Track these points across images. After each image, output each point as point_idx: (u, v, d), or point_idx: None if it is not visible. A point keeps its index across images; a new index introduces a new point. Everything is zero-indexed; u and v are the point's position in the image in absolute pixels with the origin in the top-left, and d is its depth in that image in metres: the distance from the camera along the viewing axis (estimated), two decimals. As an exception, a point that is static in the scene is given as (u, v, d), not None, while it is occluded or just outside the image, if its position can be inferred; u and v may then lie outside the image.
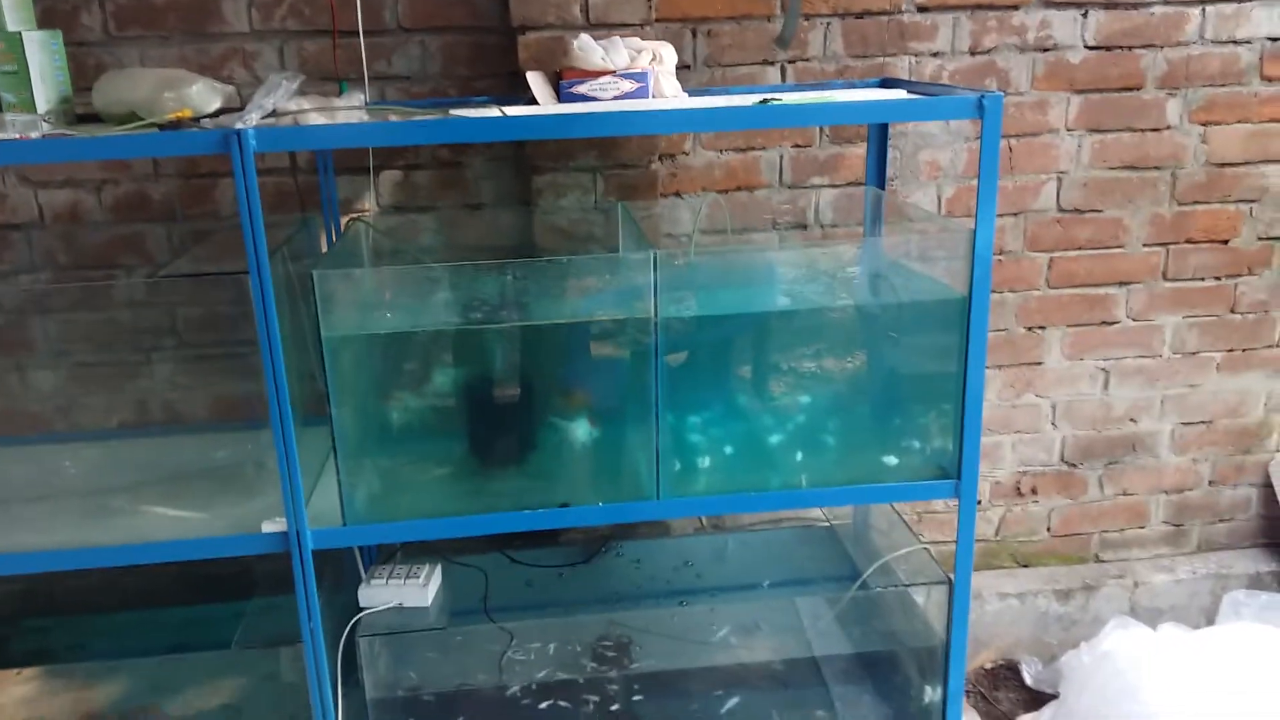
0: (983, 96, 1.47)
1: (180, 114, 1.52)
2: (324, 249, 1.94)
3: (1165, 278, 2.37)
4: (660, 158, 2.08)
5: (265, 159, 2.02)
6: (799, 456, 1.70)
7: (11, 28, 1.53)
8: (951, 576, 1.71)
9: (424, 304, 1.60)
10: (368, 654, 1.62)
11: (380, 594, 1.70)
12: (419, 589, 1.70)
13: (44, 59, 1.57)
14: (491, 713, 1.72)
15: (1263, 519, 2.63)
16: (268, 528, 1.53)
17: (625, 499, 1.62)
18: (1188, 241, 2.35)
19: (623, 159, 2.00)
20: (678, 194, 2.14)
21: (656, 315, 1.53)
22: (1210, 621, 2.54)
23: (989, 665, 2.52)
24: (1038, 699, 2.38)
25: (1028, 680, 2.46)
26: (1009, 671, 2.51)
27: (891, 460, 1.70)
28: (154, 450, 1.89)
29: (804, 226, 2.22)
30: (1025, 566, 2.57)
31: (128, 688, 1.70)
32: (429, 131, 1.54)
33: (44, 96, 1.57)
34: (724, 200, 2.14)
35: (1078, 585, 2.51)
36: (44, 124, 1.54)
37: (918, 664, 1.86)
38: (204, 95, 1.56)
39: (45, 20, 1.78)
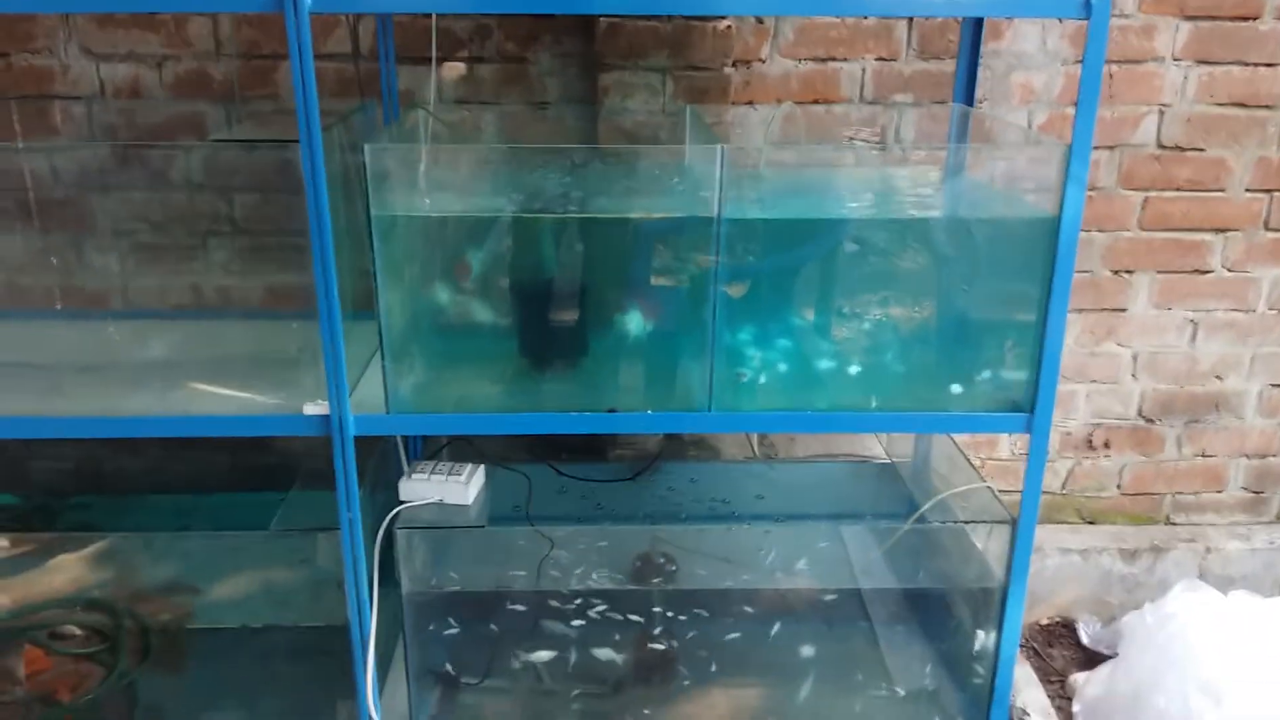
0: None
1: (238, -24, 1.47)
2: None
3: (1267, 227, 2.21)
4: (735, 63, 1.98)
5: (326, 43, 1.96)
6: (860, 378, 1.61)
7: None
8: (1015, 516, 1.63)
9: (479, 190, 1.54)
10: (405, 547, 1.59)
11: (421, 488, 1.66)
12: (460, 486, 1.66)
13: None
14: (528, 617, 1.68)
15: (1350, 491, 2.48)
16: (309, 410, 1.49)
17: (675, 409, 1.55)
18: (1297, 187, 2.19)
19: (695, 60, 1.90)
20: (750, 103, 2.04)
21: (720, 213, 1.45)
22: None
23: (1045, 621, 2.43)
24: (1092, 659, 2.29)
25: (1084, 639, 2.36)
26: (1065, 629, 2.41)
27: (958, 388, 1.60)
28: (205, 332, 1.86)
29: (883, 145, 2.10)
30: (1091, 523, 2.45)
31: (164, 563, 1.70)
32: None
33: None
34: (800, 112, 2.04)
35: (1145, 546, 2.39)
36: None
37: (971, 607, 1.78)
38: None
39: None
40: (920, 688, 1.81)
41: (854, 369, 1.60)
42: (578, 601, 1.70)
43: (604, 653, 1.74)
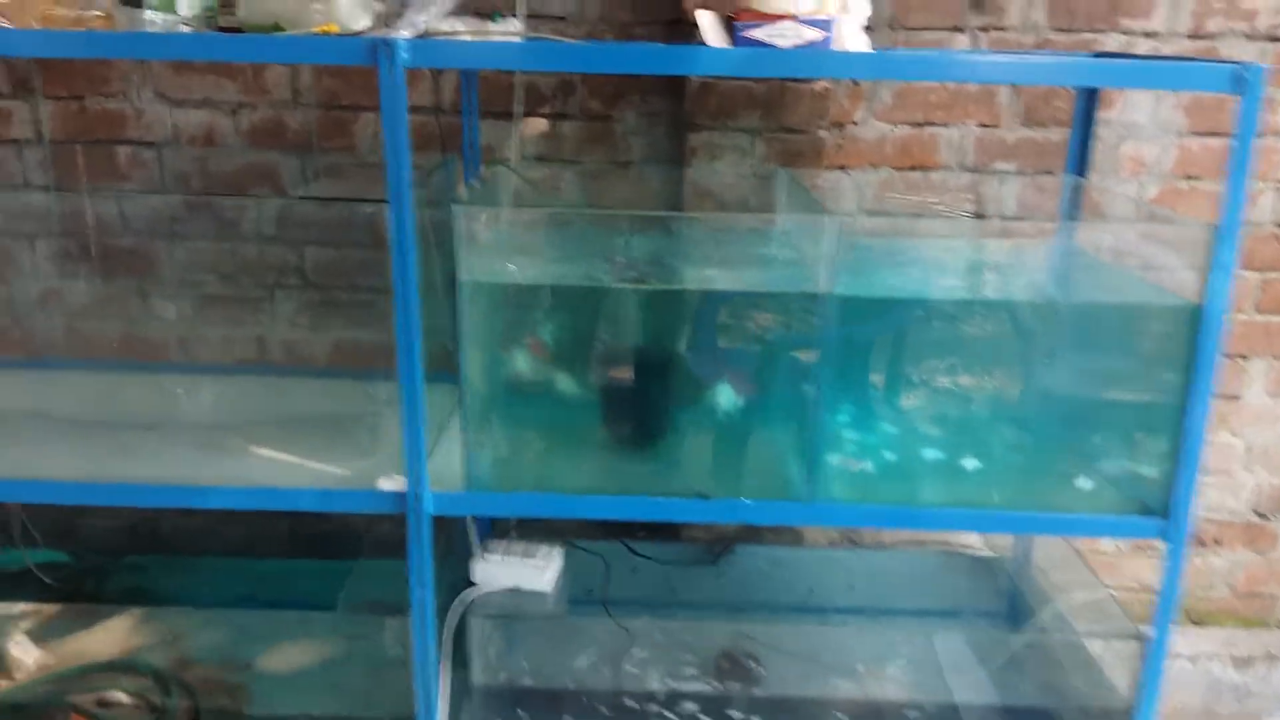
0: (1243, 68, 1.23)
1: (326, 28, 1.39)
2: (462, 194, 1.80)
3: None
4: (829, 126, 1.88)
5: (409, 95, 1.89)
6: (975, 471, 1.48)
7: (159, -73, 1.43)
8: (1144, 630, 1.48)
9: (565, 255, 1.45)
10: (480, 637, 1.47)
11: (496, 572, 1.54)
12: (538, 571, 1.54)
13: (190, -38, 1.47)
14: (604, 717, 1.55)
15: None
16: (385, 485, 1.39)
17: (771, 497, 1.43)
18: None
19: (788, 122, 1.81)
20: (841, 168, 1.94)
21: (830, 290, 1.34)
22: None
23: (1143, 728, 2.25)
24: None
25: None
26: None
27: (1085, 484, 1.47)
28: (270, 391, 1.78)
29: (982, 216, 1.99)
30: (1199, 625, 2.28)
31: (224, 636, 1.60)
32: (597, 57, 1.38)
33: (186, 1, 1.46)
34: (898, 179, 1.93)
35: (1259, 653, 2.21)
36: (184, 28, 1.43)
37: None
38: (352, 10, 1.42)
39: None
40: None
41: (969, 462, 1.47)
42: (656, 703, 1.56)
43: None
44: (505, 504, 1.42)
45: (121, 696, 1.72)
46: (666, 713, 1.57)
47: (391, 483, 1.39)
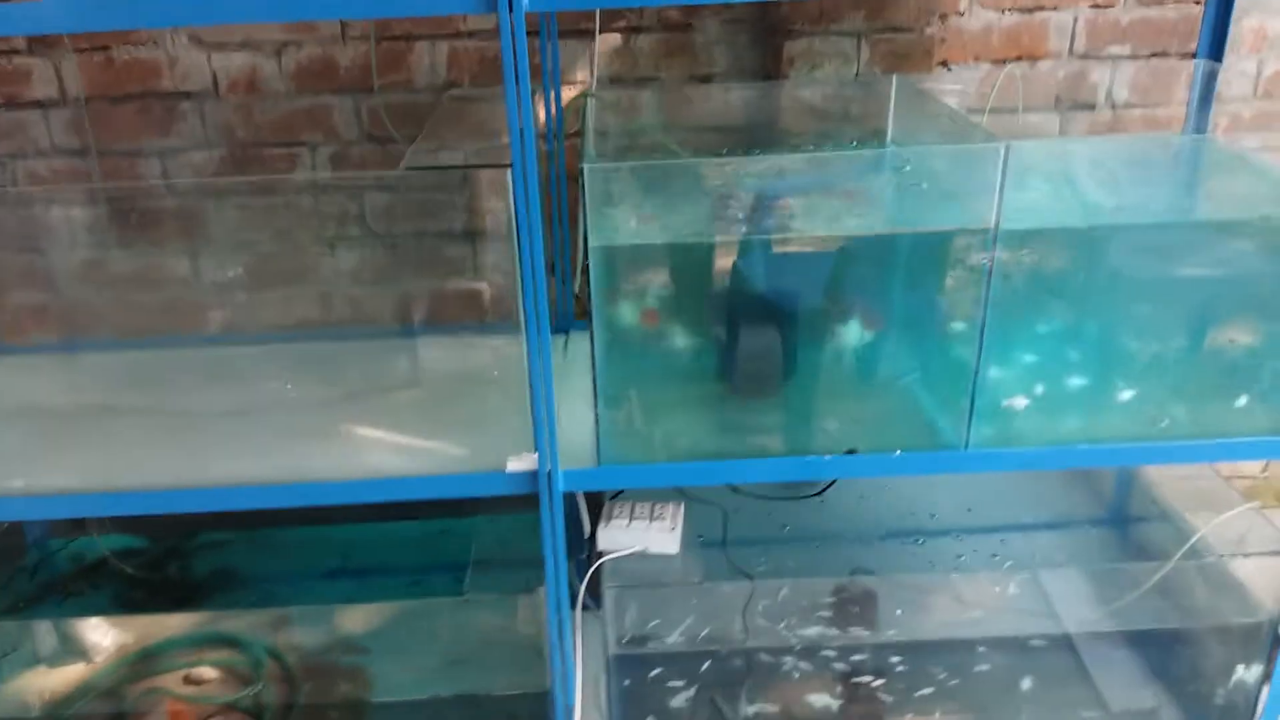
0: None
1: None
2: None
3: None
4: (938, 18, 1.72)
5: (467, 19, 1.72)
6: (1134, 402, 1.39)
7: None
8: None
9: (687, 205, 1.31)
10: (615, 607, 1.40)
11: (621, 536, 1.47)
12: (665, 533, 1.47)
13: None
14: (738, 674, 1.50)
15: None
16: (514, 466, 1.30)
17: (922, 446, 1.34)
18: None
19: (896, 20, 1.65)
20: (944, 64, 1.78)
21: (997, 227, 1.21)
22: None
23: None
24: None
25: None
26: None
27: (1244, 400, 1.38)
28: (350, 356, 1.65)
29: (1092, 106, 1.84)
30: (1295, 507, 2.24)
31: (324, 620, 1.53)
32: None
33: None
34: (1016, 73, 1.78)
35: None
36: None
37: (1229, 646, 1.58)
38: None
39: None
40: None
41: (1126, 392, 1.38)
42: (790, 654, 1.51)
43: (819, 700, 1.56)
44: (640, 476, 1.33)
45: (208, 672, 1.66)
46: (802, 663, 1.52)
47: (521, 462, 1.29)
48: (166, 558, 1.84)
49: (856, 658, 1.57)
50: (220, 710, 1.66)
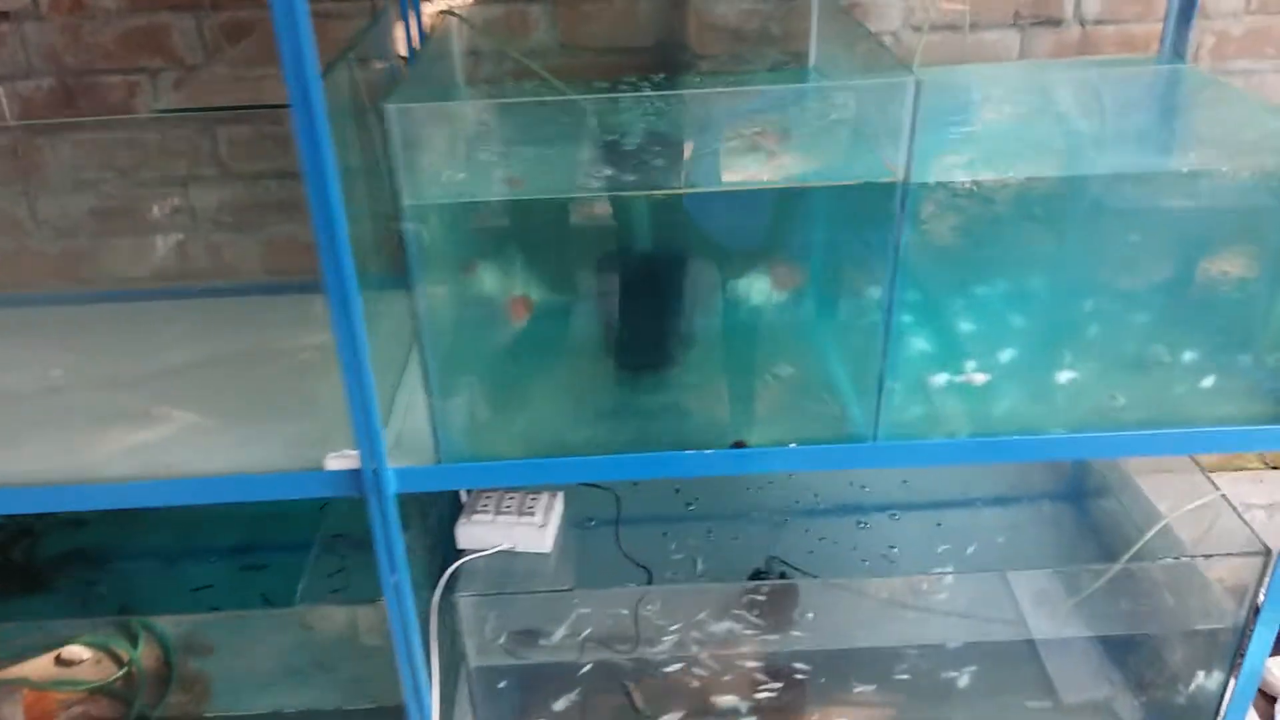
0: None
1: None
2: (402, 51, 1.41)
3: None
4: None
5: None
6: (1073, 384, 1.18)
7: None
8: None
9: (547, 147, 1.09)
10: (470, 617, 1.22)
11: (485, 533, 1.28)
12: (535, 528, 1.28)
13: None
14: (621, 689, 1.33)
15: None
16: (333, 464, 1.10)
17: (823, 438, 1.14)
18: None
19: (821, -80, 1.39)
20: (887, -26, 1.53)
21: (907, 179, 0.99)
22: None
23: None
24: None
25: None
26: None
27: (1209, 381, 1.17)
28: (182, 320, 1.43)
29: (1057, 22, 1.59)
30: (1276, 468, 2.04)
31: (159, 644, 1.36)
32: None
33: None
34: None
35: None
36: None
37: (1189, 650, 1.40)
38: None
39: None
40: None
41: (1067, 374, 1.17)
42: (683, 660, 1.33)
43: (728, 705, 1.39)
44: (487, 474, 1.13)
45: (81, 651, 1.50)
46: (696, 669, 1.35)
47: (342, 459, 1.09)
48: (14, 540, 1.66)
49: (771, 658, 1.39)
50: (86, 698, 1.50)
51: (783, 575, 1.40)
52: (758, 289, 1.21)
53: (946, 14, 1.53)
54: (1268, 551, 1.25)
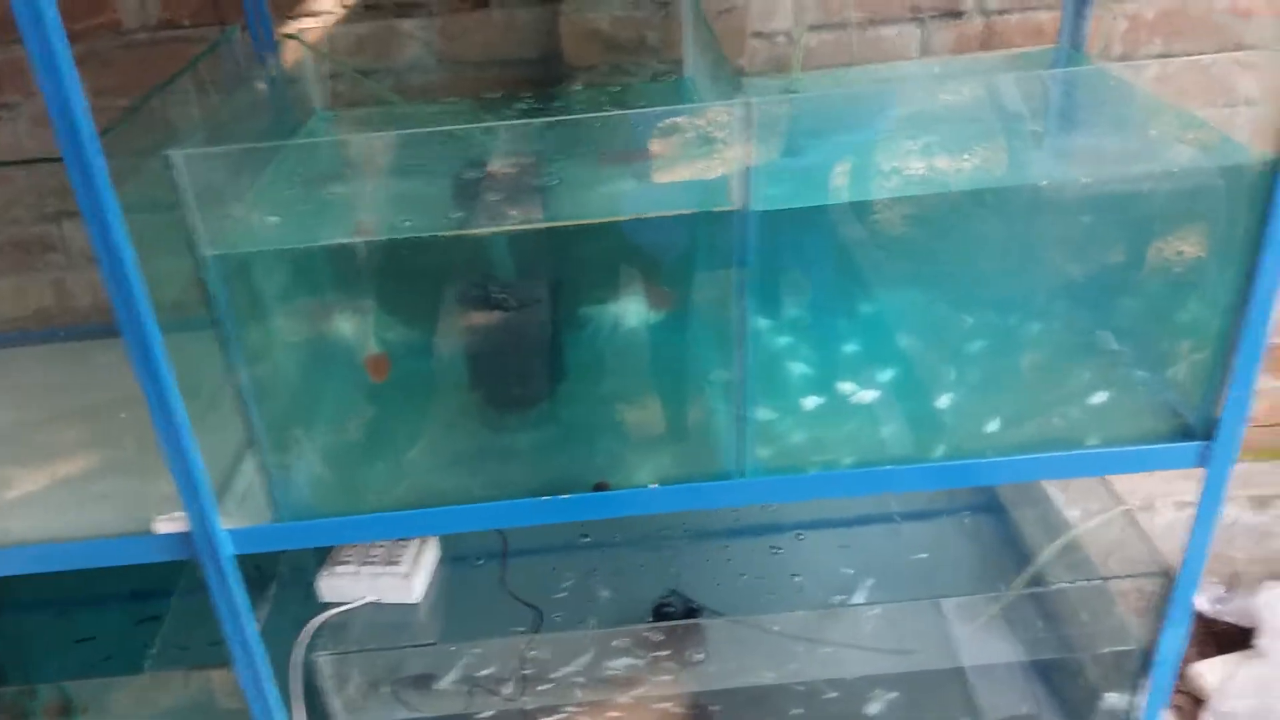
0: None
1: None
2: (258, 82, 1.33)
3: None
4: (748, -81, 1.39)
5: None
6: (952, 407, 1.12)
7: None
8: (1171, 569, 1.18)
9: (395, 177, 1.02)
10: (331, 677, 1.16)
11: (348, 586, 1.22)
12: (401, 579, 1.22)
13: None
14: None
15: None
16: (163, 526, 1.03)
17: (691, 477, 1.08)
18: None
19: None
20: (771, -28, 1.46)
21: (747, 206, 0.92)
22: None
23: (1155, 587, 2.01)
24: (1219, 635, 1.88)
25: (1205, 608, 1.94)
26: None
27: (1101, 397, 1.11)
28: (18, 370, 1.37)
29: (957, 14, 1.52)
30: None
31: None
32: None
33: None
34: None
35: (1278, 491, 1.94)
36: None
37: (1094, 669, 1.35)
38: None
39: None
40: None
41: (944, 399, 1.11)
42: (575, 706, 1.27)
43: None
44: (330, 532, 1.07)
45: None
46: (597, 713, 1.29)
47: (170, 522, 1.03)
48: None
49: (679, 698, 1.33)
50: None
51: (687, 608, 1.34)
52: (633, 313, 1.15)
53: (837, 13, 1.46)
54: (1167, 574, 1.19)
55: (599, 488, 1.07)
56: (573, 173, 1.06)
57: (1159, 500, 1.91)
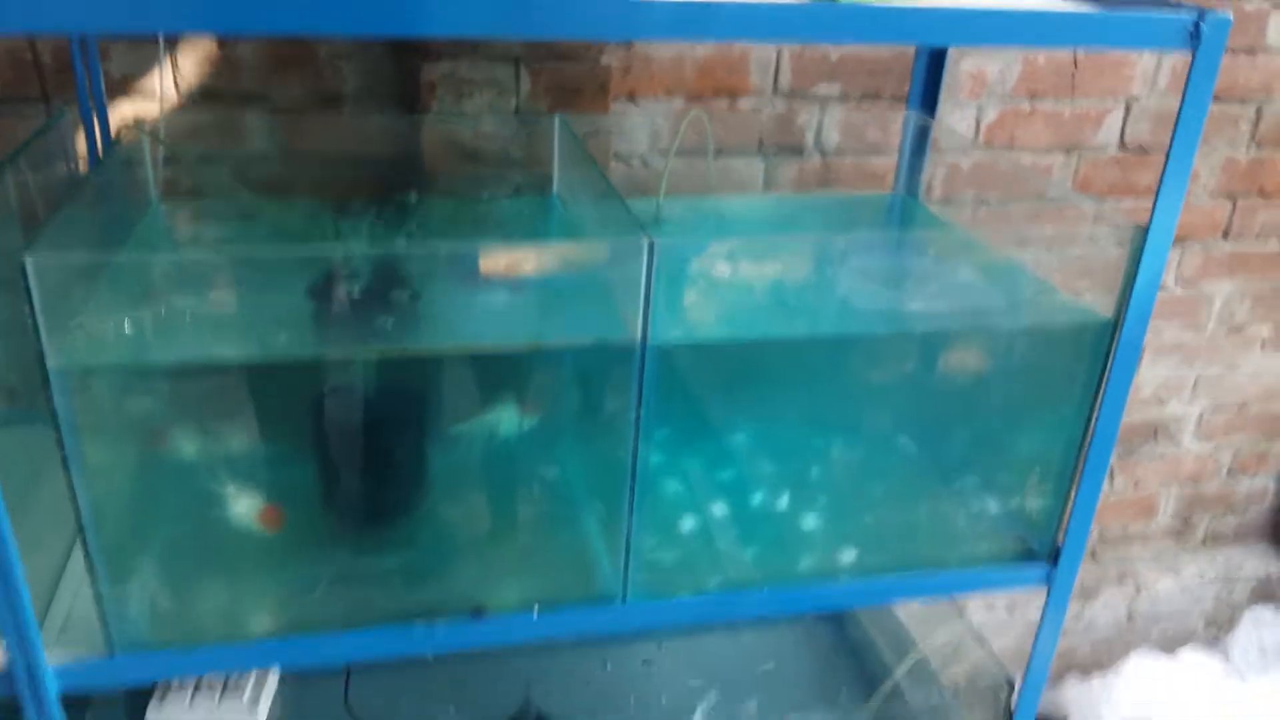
0: (1200, 19, 0.88)
1: None
2: (85, 167, 1.23)
3: (1225, 237, 1.89)
4: (615, 45, 1.43)
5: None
6: (825, 533, 1.15)
7: None
8: (1012, 678, 1.24)
9: (243, 297, 0.96)
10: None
11: (182, 717, 1.09)
12: (243, 710, 1.10)
13: None
14: None
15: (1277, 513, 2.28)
16: (-31, 668, 0.89)
17: (571, 599, 1.04)
18: (1260, 194, 1.87)
19: (559, 47, 1.34)
20: (630, 96, 1.50)
21: (645, 340, 0.92)
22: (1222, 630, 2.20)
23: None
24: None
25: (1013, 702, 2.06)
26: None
27: (952, 524, 1.18)
28: None
29: (799, 151, 1.62)
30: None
31: None
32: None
33: None
34: (704, 115, 1.52)
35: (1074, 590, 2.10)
36: None
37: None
38: None
39: None
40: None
41: (808, 520, 1.13)
42: None
43: None
44: (176, 664, 0.96)
45: None
46: None
47: (-16, 662, 0.89)
48: None
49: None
50: None
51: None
52: (506, 422, 1.11)
53: (691, 141, 1.52)
54: (1010, 685, 1.26)
55: (476, 612, 1.01)
56: (449, 292, 1.04)
57: (971, 603, 2.03)
